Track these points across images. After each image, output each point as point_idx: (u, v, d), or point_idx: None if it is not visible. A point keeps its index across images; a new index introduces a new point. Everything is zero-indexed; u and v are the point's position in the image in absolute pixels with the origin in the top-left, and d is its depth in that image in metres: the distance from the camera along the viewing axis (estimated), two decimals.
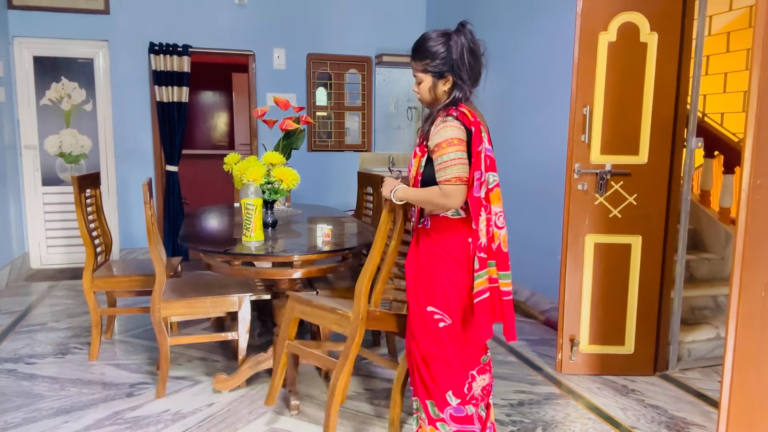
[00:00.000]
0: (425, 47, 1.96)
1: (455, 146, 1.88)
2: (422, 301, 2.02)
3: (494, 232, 1.92)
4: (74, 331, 3.55)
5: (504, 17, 4.41)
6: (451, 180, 1.87)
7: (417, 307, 2.03)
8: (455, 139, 1.88)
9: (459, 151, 1.88)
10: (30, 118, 5.00)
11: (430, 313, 2.00)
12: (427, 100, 2.02)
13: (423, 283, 2.03)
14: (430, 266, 2.01)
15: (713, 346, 3.19)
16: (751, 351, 1.80)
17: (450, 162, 1.87)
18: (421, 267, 2.04)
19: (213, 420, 2.48)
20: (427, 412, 2.06)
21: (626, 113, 2.85)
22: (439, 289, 1.99)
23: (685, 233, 3.00)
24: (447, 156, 1.87)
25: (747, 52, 5.01)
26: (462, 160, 1.88)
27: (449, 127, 1.89)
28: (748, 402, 1.82)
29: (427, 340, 2.02)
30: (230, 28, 5.38)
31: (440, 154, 1.89)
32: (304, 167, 5.51)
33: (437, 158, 1.90)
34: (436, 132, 1.90)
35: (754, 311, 1.78)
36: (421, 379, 2.05)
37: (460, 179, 1.88)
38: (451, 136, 1.88)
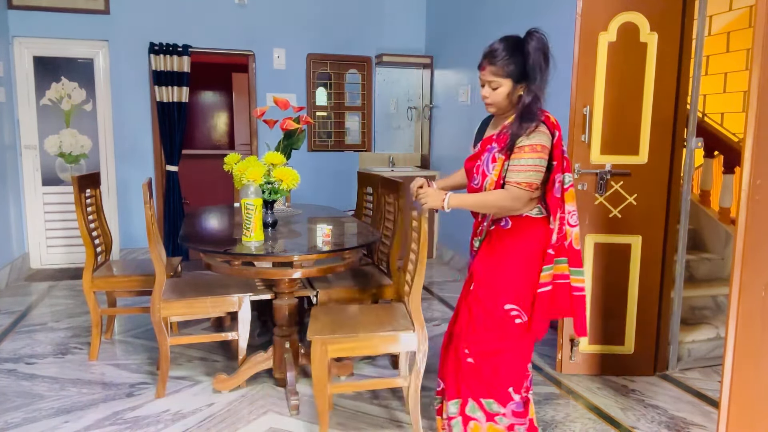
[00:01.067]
0: (504, 53, 1.96)
1: (538, 153, 1.93)
2: (501, 299, 2.03)
3: (566, 230, 2.02)
4: (74, 331, 3.55)
5: (504, 17, 4.41)
6: (522, 184, 1.93)
7: (492, 306, 2.04)
8: (539, 146, 1.93)
9: (540, 159, 1.93)
10: (30, 118, 5.00)
11: (507, 311, 2.03)
12: (502, 105, 2.02)
13: (503, 282, 2.04)
14: (514, 265, 2.03)
15: (713, 346, 3.19)
16: (751, 351, 1.80)
17: (528, 167, 1.92)
18: (501, 266, 2.05)
19: (213, 420, 2.48)
20: (483, 410, 2.07)
21: (626, 113, 2.85)
22: (521, 286, 2.03)
23: (685, 233, 3.00)
24: (526, 161, 1.93)
25: (747, 52, 5.01)
26: (540, 168, 1.94)
27: (538, 132, 1.93)
28: (748, 402, 1.82)
29: (497, 337, 2.04)
30: (230, 28, 5.38)
31: (521, 156, 1.93)
32: (304, 167, 5.51)
33: (517, 159, 1.94)
34: (527, 135, 1.93)
35: (754, 311, 1.78)
36: (478, 378, 2.06)
37: (530, 186, 1.94)
38: (537, 142, 1.93)
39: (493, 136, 2.05)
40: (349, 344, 2.25)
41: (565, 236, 2.02)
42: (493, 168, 2.01)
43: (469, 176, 2.15)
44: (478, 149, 2.11)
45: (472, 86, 4.92)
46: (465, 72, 5.07)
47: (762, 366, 1.78)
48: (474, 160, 2.12)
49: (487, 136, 2.11)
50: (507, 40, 1.98)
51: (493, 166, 2.02)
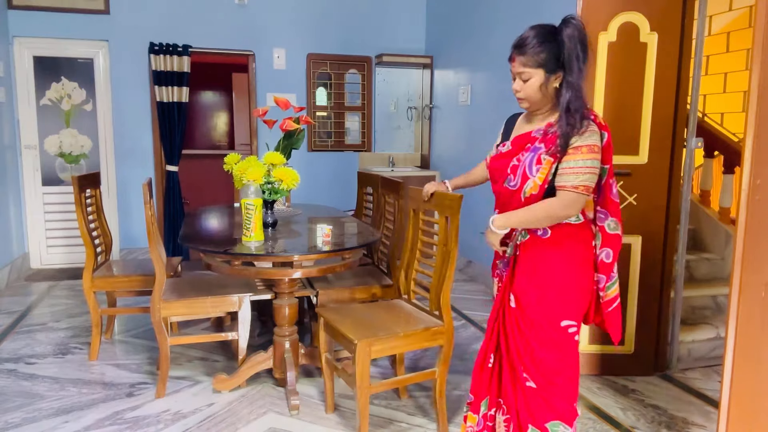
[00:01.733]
0: (536, 42, 1.80)
1: (594, 154, 1.77)
2: (556, 316, 1.86)
3: None
4: (74, 331, 3.55)
5: (504, 17, 4.41)
6: (579, 187, 1.76)
7: (548, 325, 1.86)
8: (596, 146, 1.77)
9: (595, 160, 1.78)
10: (30, 118, 5.00)
11: (564, 328, 1.86)
12: (535, 99, 1.84)
13: (555, 298, 1.86)
14: (564, 278, 1.86)
15: (713, 346, 3.19)
16: (751, 351, 1.80)
17: (584, 169, 1.76)
18: (551, 280, 1.87)
19: (213, 420, 2.48)
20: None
21: (626, 113, 2.85)
22: (575, 300, 1.88)
23: (685, 233, 3.00)
24: (583, 162, 1.76)
25: (747, 52, 5.01)
26: (595, 170, 1.78)
27: (591, 132, 1.77)
28: (748, 402, 1.82)
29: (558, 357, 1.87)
30: (230, 28, 5.38)
31: (576, 158, 1.76)
32: (304, 167, 5.54)
33: (570, 161, 1.77)
34: (580, 135, 1.76)
35: (754, 311, 1.78)
36: (543, 402, 1.88)
37: (587, 189, 1.78)
38: (594, 142, 1.77)
39: (532, 133, 1.87)
40: (391, 343, 2.26)
41: None
42: (538, 170, 1.82)
43: (497, 176, 1.97)
44: (509, 148, 1.92)
45: (472, 86, 4.92)
46: (465, 72, 5.07)
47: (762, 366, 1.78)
48: (506, 159, 1.93)
49: (522, 134, 1.92)
50: (538, 27, 1.82)
51: (538, 168, 1.82)
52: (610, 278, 1.94)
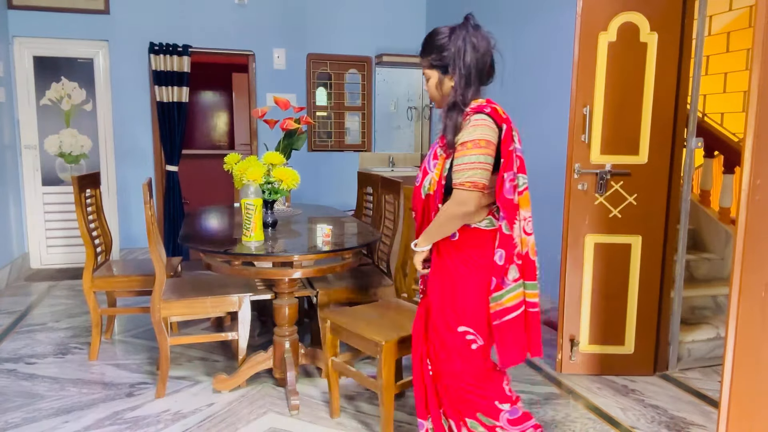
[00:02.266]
0: (431, 41, 1.86)
1: (481, 149, 1.72)
2: (452, 321, 1.84)
3: (523, 238, 1.80)
4: (74, 331, 3.55)
5: (504, 17, 4.41)
6: (466, 184, 1.71)
7: (445, 329, 1.85)
8: (483, 140, 1.72)
9: (484, 155, 1.72)
10: (30, 118, 5.00)
11: (461, 334, 1.83)
12: (437, 98, 1.89)
13: (452, 302, 1.84)
14: (461, 282, 1.83)
15: (713, 346, 3.19)
16: (751, 351, 1.80)
17: (471, 165, 1.71)
18: (450, 283, 1.84)
19: (213, 420, 2.48)
20: (482, 424, 1.87)
21: (626, 113, 2.85)
22: (470, 306, 1.82)
23: (685, 233, 3.00)
24: (469, 158, 1.72)
25: (747, 52, 5.01)
26: (485, 165, 1.73)
27: (481, 125, 1.73)
28: (748, 402, 1.82)
29: (460, 364, 1.84)
30: (230, 28, 5.38)
31: (463, 154, 1.73)
32: (304, 167, 5.51)
33: (458, 157, 1.74)
34: (466, 129, 1.74)
35: (754, 311, 1.78)
36: (460, 396, 1.87)
37: (475, 185, 1.71)
38: (480, 137, 1.72)
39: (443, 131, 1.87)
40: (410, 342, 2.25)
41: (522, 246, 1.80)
42: (434, 165, 1.85)
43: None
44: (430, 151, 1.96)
45: None
46: None
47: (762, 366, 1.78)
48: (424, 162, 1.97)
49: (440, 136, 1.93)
50: (437, 29, 1.87)
51: (434, 164, 1.85)
52: (503, 284, 1.79)
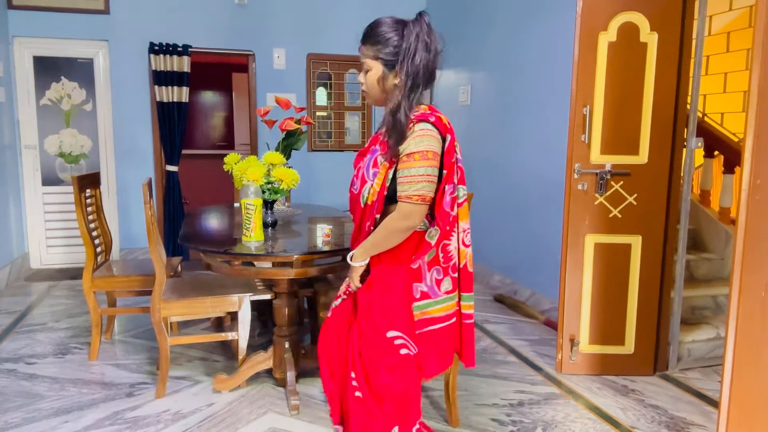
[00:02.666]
0: (378, 31, 1.69)
1: (429, 161, 1.62)
2: (380, 325, 1.71)
3: (462, 250, 1.73)
4: (74, 331, 3.55)
5: (504, 17, 4.41)
6: (414, 197, 1.62)
7: (374, 334, 1.71)
8: (430, 152, 1.62)
9: (431, 167, 1.63)
10: (30, 118, 5.00)
11: (390, 339, 1.70)
12: (375, 94, 1.73)
13: (380, 304, 1.72)
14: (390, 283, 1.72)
15: (713, 346, 3.19)
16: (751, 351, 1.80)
17: (419, 178, 1.61)
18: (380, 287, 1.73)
19: (213, 420, 2.48)
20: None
21: (626, 113, 2.85)
22: (402, 310, 1.71)
23: (685, 233, 3.00)
24: (417, 170, 1.62)
25: (747, 52, 5.01)
26: (432, 177, 1.64)
27: (427, 136, 1.63)
28: (748, 402, 1.82)
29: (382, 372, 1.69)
30: (230, 28, 5.38)
31: (409, 166, 1.62)
32: (304, 167, 5.52)
33: (405, 169, 1.63)
34: (412, 139, 1.63)
35: (754, 311, 1.78)
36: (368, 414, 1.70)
37: (423, 199, 1.63)
38: (427, 148, 1.62)
39: (380, 135, 1.73)
40: None
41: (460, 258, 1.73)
42: (375, 175, 1.70)
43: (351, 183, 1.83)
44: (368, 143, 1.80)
45: (472, 86, 4.92)
46: (465, 72, 5.07)
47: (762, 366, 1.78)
48: (360, 158, 1.80)
49: (376, 132, 1.78)
50: (388, 18, 1.71)
51: (374, 173, 1.70)
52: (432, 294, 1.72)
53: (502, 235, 4.49)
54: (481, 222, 4.66)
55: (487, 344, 3.42)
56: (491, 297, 4.40)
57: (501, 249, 4.53)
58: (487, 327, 3.72)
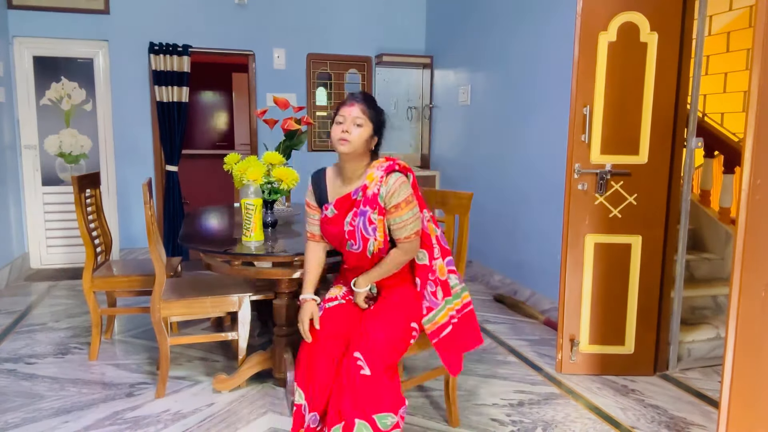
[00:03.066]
0: (374, 102, 2.09)
1: (411, 204, 2.00)
2: (407, 316, 2.06)
3: (440, 265, 2.12)
4: (74, 331, 3.55)
5: (504, 17, 4.41)
6: (411, 236, 2.01)
7: (400, 322, 2.04)
8: (410, 196, 2.00)
9: (415, 208, 2.01)
10: (30, 118, 5.00)
11: (411, 328, 2.06)
12: (359, 147, 2.02)
13: (411, 301, 2.09)
14: (409, 287, 2.13)
15: (713, 346, 3.19)
16: (751, 351, 1.80)
17: (409, 220, 1.99)
18: (402, 287, 2.12)
19: (213, 420, 2.49)
20: (375, 427, 1.87)
21: (626, 113, 2.85)
22: (419, 307, 2.10)
23: (685, 233, 3.00)
24: (407, 215, 1.99)
25: (747, 52, 5.02)
26: (417, 214, 2.02)
27: (402, 183, 2.00)
28: (748, 402, 1.82)
29: (396, 355, 2.01)
30: (230, 28, 5.38)
31: (399, 215, 1.99)
32: (305, 167, 5.51)
33: (396, 218, 1.99)
34: (393, 192, 1.98)
35: (754, 311, 1.78)
36: (375, 391, 1.89)
37: (417, 233, 2.02)
38: (407, 194, 1.99)
39: (351, 195, 2.05)
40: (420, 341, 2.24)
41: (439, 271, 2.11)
42: (374, 230, 2.01)
43: (337, 241, 2.11)
44: (335, 212, 2.09)
45: (472, 86, 4.92)
46: (465, 72, 5.07)
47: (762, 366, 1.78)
48: (337, 223, 2.08)
49: (342, 196, 2.08)
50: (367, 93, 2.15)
51: (373, 228, 2.01)
52: (432, 305, 2.09)
53: (502, 235, 4.49)
54: (481, 222, 4.66)
55: (487, 344, 3.42)
56: (491, 297, 4.40)
57: (501, 249, 4.53)
58: (487, 327, 3.72)
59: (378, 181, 1.99)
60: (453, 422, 2.46)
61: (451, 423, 2.47)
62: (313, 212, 2.19)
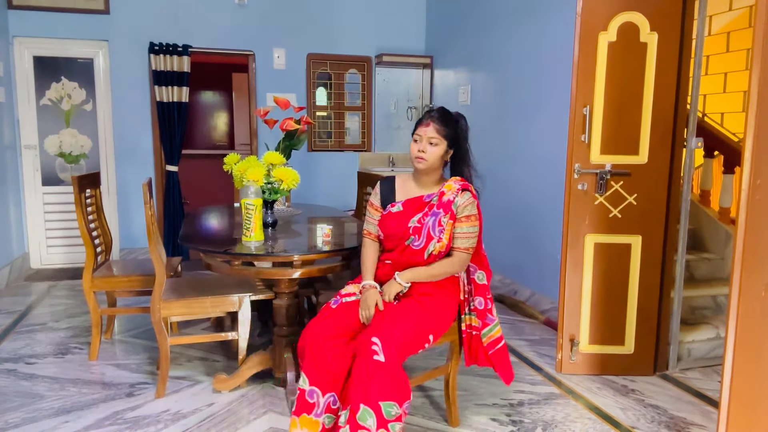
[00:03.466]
0: (447, 119, 2.20)
1: (476, 222, 2.16)
2: (431, 326, 2.13)
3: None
4: (74, 331, 3.55)
5: (504, 17, 4.41)
6: (469, 249, 2.16)
7: (424, 328, 2.10)
8: (477, 215, 2.17)
9: (477, 227, 2.17)
10: (30, 118, 5.00)
11: (427, 338, 2.12)
12: (434, 163, 2.19)
13: (437, 314, 2.16)
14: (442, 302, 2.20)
15: (713, 346, 3.19)
16: (751, 351, 1.80)
17: (472, 234, 2.15)
18: (436, 299, 2.18)
19: (213, 420, 2.49)
20: (379, 414, 1.89)
21: (626, 113, 2.85)
22: (445, 325, 2.20)
23: (685, 233, 3.00)
24: (471, 229, 2.15)
25: (747, 52, 5.02)
26: (477, 234, 2.18)
27: (474, 202, 2.17)
28: (748, 402, 1.82)
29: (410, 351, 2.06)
30: (230, 28, 5.38)
31: (470, 225, 2.15)
32: (304, 167, 5.53)
33: (466, 227, 2.15)
34: (467, 204, 2.15)
35: (754, 311, 1.78)
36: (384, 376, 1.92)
37: (471, 250, 2.18)
38: (476, 212, 2.16)
39: (424, 198, 2.21)
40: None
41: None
42: (441, 232, 2.15)
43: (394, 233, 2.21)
44: (400, 209, 2.23)
45: (472, 86, 4.92)
46: (465, 72, 5.07)
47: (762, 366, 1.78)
48: (399, 218, 2.21)
49: (413, 197, 2.24)
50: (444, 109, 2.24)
51: (441, 230, 2.15)
52: (488, 321, 2.29)
53: (502, 235, 4.49)
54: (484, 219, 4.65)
55: None
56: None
57: (501, 249, 4.53)
58: None
59: (455, 191, 2.16)
60: (453, 422, 2.46)
61: (451, 423, 2.47)
62: (375, 212, 2.33)
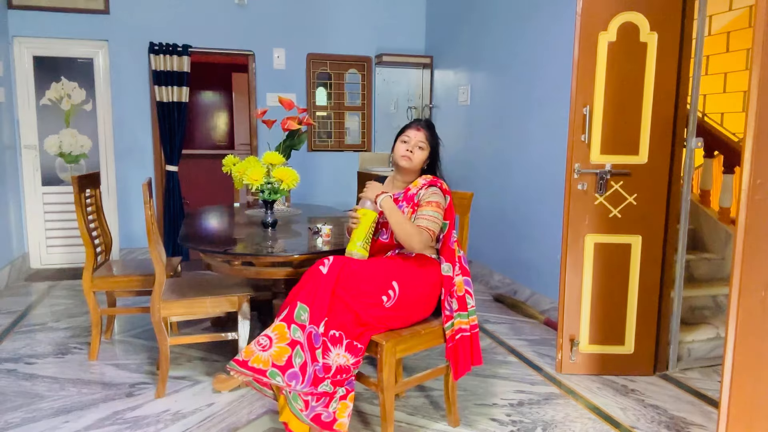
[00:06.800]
0: (434, 130, 2.44)
1: (440, 210, 2.28)
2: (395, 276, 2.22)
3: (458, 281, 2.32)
4: (74, 331, 3.55)
5: (503, 17, 4.41)
6: (431, 231, 2.24)
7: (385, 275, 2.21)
8: (441, 204, 2.30)
9: (440, 214, 2.28)
10: (30, 118, 5.00)
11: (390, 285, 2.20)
12: (417, 164, 2.38)
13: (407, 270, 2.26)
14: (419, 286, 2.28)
15: (713, 346, 3.19)
16: (751, 351, 1.80)
17: (432, 218, 2.24)
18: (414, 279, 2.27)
19: (213, 420, 2.49)
20: (291, 312, 2.08)
21: (626, 113, 2.85)
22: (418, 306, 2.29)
23: (685, 233, 3.00)
24: (430, 212, 2.25)
25: (747, 52, 5.02)
26: (439, 221, 2.27)
27: (438, 194, 2.30)
28: (748, 402, 1.82)
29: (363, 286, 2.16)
30: (230, 28, 5.38)
31: (432, 209, 2.26)
32: (304, 167, 5.53)
33: (428, 211, 2.25)
34: (430, 194, 2.30)
35: (754, 311, 1.78)
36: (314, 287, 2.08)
37: (432, 233, 2.24)
38: (440, 200, 2.29)
39: (395, 195, 2.37)
40: (414, 341, 2.25)
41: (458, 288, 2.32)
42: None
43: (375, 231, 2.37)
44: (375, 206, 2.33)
45: (471, 86, 4.92)
46: (465, 72, 5.08)
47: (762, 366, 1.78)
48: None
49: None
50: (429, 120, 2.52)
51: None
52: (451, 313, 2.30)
53: (502, 235, 4.49)
54: (481, 222, 4.66)
55: (487, 344, 3.42)
56: (491, 297, 4.40)
57: (501, 249, 4.53)
58: (487, 327, 3.72)
59: (420, 186, 2.34)
60: (453, 422, 2.46)
61: (451, 423, 2.47)
62: None
